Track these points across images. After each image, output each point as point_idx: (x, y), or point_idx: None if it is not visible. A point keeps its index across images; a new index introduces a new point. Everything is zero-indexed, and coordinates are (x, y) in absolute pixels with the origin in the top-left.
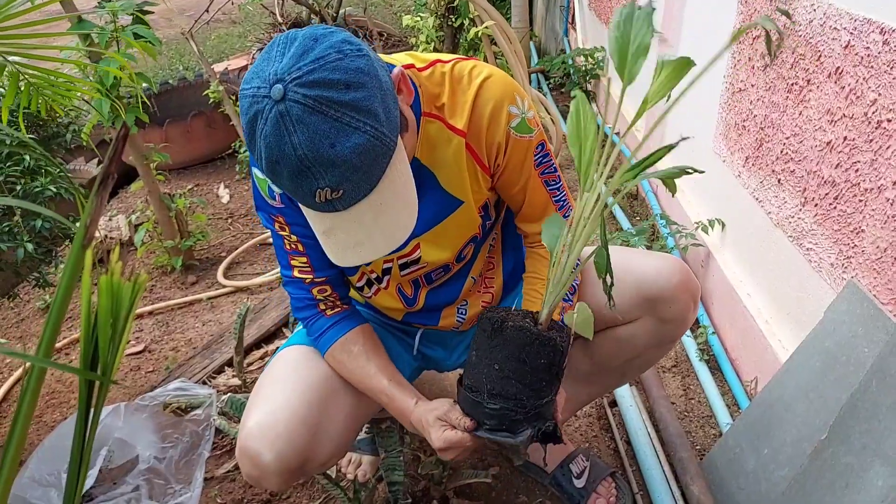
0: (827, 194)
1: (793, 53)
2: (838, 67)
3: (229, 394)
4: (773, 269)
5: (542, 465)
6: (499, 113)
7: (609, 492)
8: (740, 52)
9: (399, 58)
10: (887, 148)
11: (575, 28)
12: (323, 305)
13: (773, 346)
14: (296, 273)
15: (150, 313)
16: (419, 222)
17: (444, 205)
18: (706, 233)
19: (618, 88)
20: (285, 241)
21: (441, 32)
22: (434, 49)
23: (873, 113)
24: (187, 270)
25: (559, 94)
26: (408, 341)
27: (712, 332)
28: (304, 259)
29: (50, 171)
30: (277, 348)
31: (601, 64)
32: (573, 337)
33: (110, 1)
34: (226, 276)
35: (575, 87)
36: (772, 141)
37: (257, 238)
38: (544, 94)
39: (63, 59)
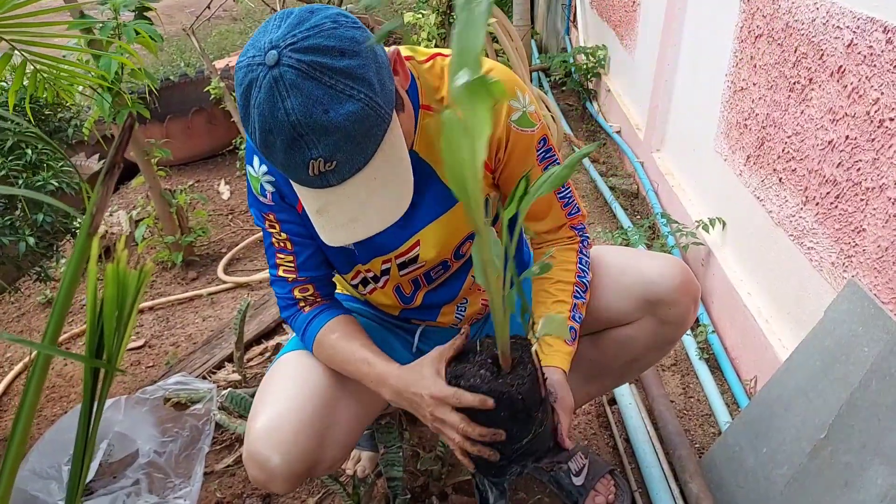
0: (828, 193)
1: (795, 52)
2: (841, 66)
3: (229, 389)
4: (774, 268)
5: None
6: (500, 106)
7: (608, 489)
8: (742, 51)
9: (399, 51)
10: (889, 147)
11: (576, 26)
12: (302, 303)
13: (773, 345)
14: (280, 272)
15: (151, 309)
16: (419, 217)
17: (444, 199)
18: (707, 231)
19: (619, 86)
20: (274, 238)
21: (443, 30)
22: (435, 46)
23: (875, 112)
24: (188, 266)
25: (560, 93)
26: (407, 339)
27: (712, 331)
28: (291, 258)
29: (52, 165)
30: (278, 345)
31: (602, 62)
32: (540, 369)
33: None
34: (226, 272)
35: (577, 84)
36: (773, 140)
37: (257, 234)
38: (545, 91)
39: (66, 47)
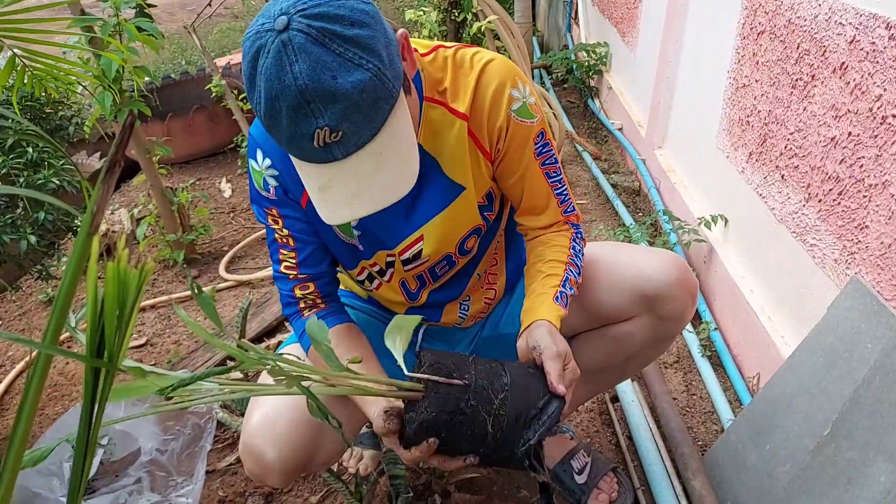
0: (831, 190)
1: (797, 49)
2: (843, 62)
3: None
4: (776, 265)
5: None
6: (500, 95)
7: (611, 487)
8: (745, 47)
9: (407, 35)
10: (892, 143)
11: (578, 23)
12: (302, 304)
13: (775, 342)
14: (282, 268)
15: (152, 307)
16: (422, 212)
17: (447, 191)
18: (709, 228)
19: (621, 83)
20: (276, 234)
21: (444, 27)
22: None
23: (878, 108)
24: (189, 264)
25: (562, 90)
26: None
27: (714, 328)
28: (293, 255)
29: (53, 163)
30: (280, 342)
31: (604, 59)
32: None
33: None
34: (228, 271)
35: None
36: (776, 136)
37: (259, 232)
38: (547, 89)
39: (67, 45)
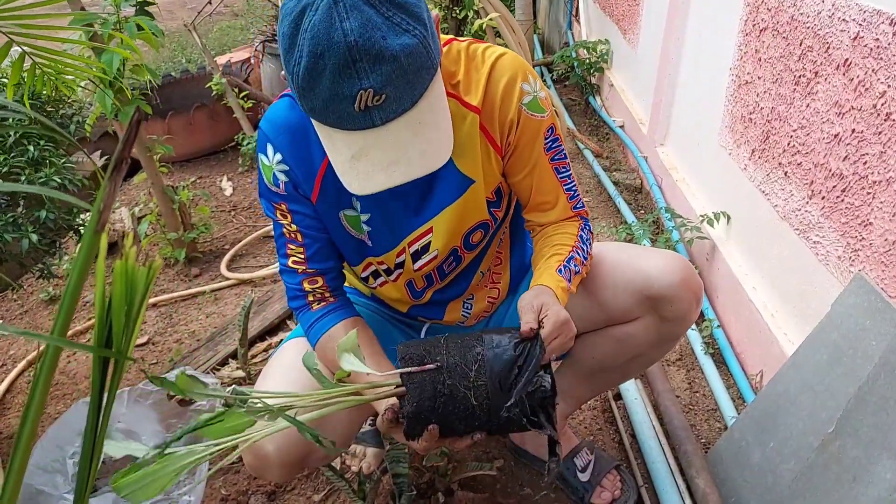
0: (834, 187)
1: (800, 45)
2: (847, 59)
3: (233, 385)
4: (779, 262)
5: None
6: (512, 88)
7: (614, 485)
8: (747, 44)
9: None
10: None
11: (579, 21)
12: (311, 297)
13: (778, 339)
14: (290, 263)
15: (154, 305)
16: (435, 204)
17: (458, 185)
18: (711, 226)
19: (622, 81)
20: (285, 229)
21: (445, 24)
22: None
23: (882, 105)
24: (190, 263)
25: (563, 87)
26: (412, 335)
27: (717, 326)
28: (301, 250)
29: (54, 162)
30: (281, 341)
31: (605, 57)
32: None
33: None
34: (229, 269)
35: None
36: (779, 133)
37: (260, 231)
38: (548, 86)
39: (68, 40)
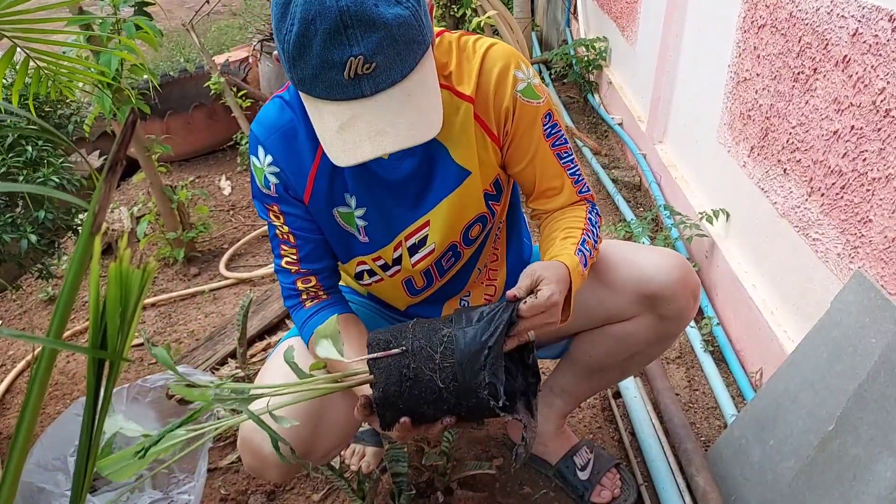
0: (834, 184)
1: (799, 42)
2: (846, 56)
3: None
4: (779, 259)
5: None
6: (505, 76)
7: (613, 483)
8: (745, 41)
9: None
10: None
11: (577, 18)
12: (305, 296)
13: (778, 336)
14: (283, 263)
15: (153, 305)
16: (432, 197)
17: (454, 176)
18: (710, 223)
19: (620, 78)
20: (278, 230)
21: (444, 22)
22: None
23: (882, 101)
24: (189, 262)
25: (561, 85)
26: None
27: (717, 324)
28: (293, 251)
29: (52, 162)
30: (280, 340)
31: (603, 54)
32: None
33: None
34: (228, 268)
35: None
36: (777, 130)
37: (259, 230)
38: (546, 84)
39: (68, 44)
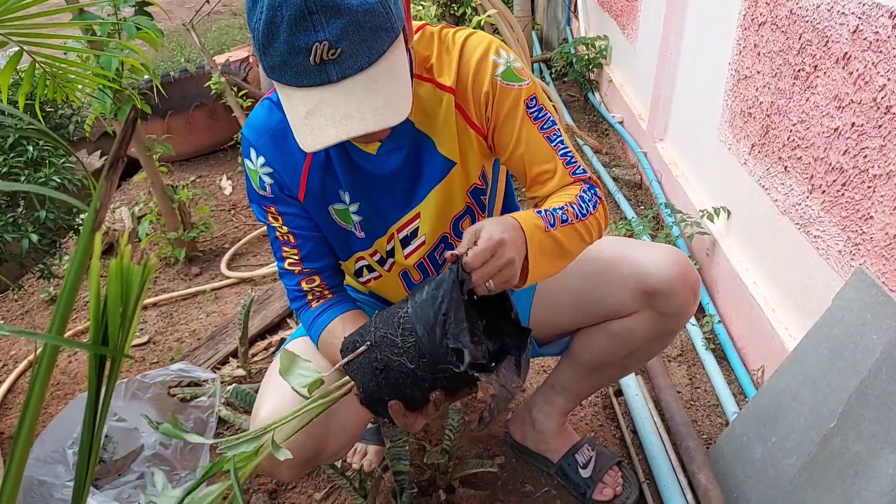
0: (835, 181)
1: (799, 39)
2: (846, 53)
3: (234, 384)
4: (780, 256)
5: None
6: (483, 63)
7: (615, 481)
8: (746, 38)
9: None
10: None
11: (577, 17)
12: (310, 296)
13: (779, 334)
14: (286, 265)
15: (154, 305)
16: (421, 189)
17: (440, 168)
18: (711, 221)
19: (621, 77)
20: (277, 232)
21: (444, 21)
22: None
23: (882, 98)
24: (191, 262)
25: (562, 84)
26: None
27: (718, 321)
28: (295, 251)
29: (54, 162)
30: (282, 339)
31: (603, 53)
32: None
33: None
34: (229, 268)
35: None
36: (778, 128)
37: (260, 229)
38: (547, 82)
39: (67, 47)
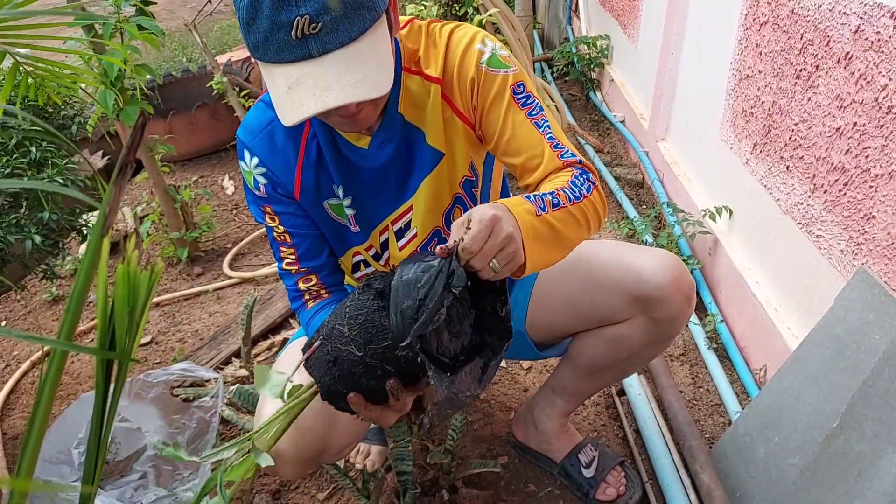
0: (837, 181)
1: (801, 39)
2: (848, 52)
3: (237, 384)
4: (782, 256)
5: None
6: (468, 52)
7: (618, 481)
8: (748, 38)
9: None
10: None
11: (578, 16)
12: (307, 296)
13: (782, 333)
14: (285, 265)
15: (157, 305)
16: (413, 182)
17: (430, 159)
18: (713, 220)
19: (622, 76)
20: (275, 232)
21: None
22: None
23: (884, 98)
24: (193, 262)
25: (563, 83)
26: None
27: (720, 321)
28: (292, 251)
29: (56, 162)
30: (285, 339)
31: (605, 52)
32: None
33: None
34: (231, 268)
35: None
36: (780, 127)
37: (262, 229)
38: (548, 82)
39: (67, 49)
